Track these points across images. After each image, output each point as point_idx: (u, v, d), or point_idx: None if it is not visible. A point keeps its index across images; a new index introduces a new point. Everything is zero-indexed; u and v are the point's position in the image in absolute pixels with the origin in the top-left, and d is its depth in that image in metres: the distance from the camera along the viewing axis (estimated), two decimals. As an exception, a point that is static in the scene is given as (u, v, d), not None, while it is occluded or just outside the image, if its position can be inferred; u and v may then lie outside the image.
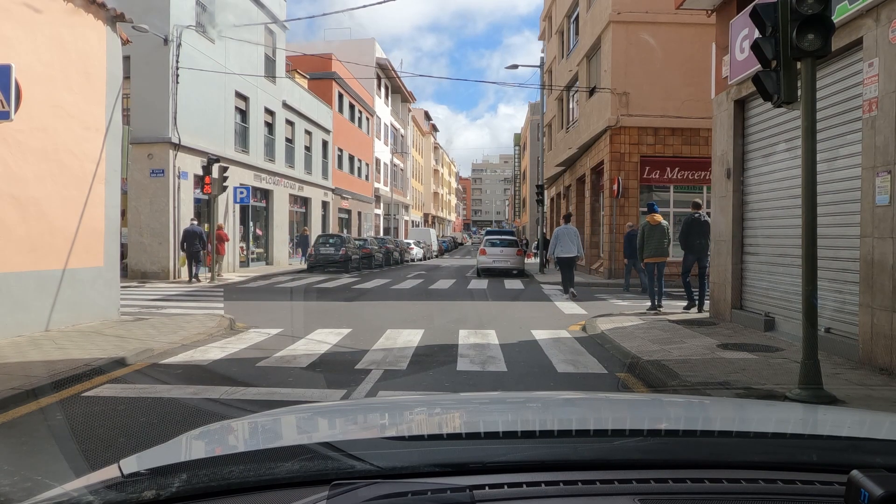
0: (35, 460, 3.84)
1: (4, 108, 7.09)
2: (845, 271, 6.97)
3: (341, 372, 6.52)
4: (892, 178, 5.98)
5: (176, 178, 18.25)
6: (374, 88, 43.16)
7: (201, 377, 6.24)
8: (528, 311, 12.10)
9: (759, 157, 9.20)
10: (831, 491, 0.99)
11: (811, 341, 5.05)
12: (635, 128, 19.28)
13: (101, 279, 9.46)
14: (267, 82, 24.77)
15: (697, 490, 1.01)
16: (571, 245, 14.38)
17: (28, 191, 8.03)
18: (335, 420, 1.69)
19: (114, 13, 9.62)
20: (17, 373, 5.81)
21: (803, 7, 4.87)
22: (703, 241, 10.67)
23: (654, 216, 11.34)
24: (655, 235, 11.14)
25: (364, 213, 41.47)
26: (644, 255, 11.37)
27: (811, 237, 5.11)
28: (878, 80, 6.16)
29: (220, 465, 1.12)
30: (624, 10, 18.90)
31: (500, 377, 6.34)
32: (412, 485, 0.97)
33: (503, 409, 1.79)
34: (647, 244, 11.20)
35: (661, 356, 6.96)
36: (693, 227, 10.75)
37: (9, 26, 7.75)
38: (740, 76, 9.07)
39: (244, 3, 22.79)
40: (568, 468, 1.07)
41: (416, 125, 65.14)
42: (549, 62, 31.43)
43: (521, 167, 73.18)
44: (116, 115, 9.84)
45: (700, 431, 1.43)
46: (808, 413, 1.86)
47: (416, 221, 63.63)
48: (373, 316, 11.02)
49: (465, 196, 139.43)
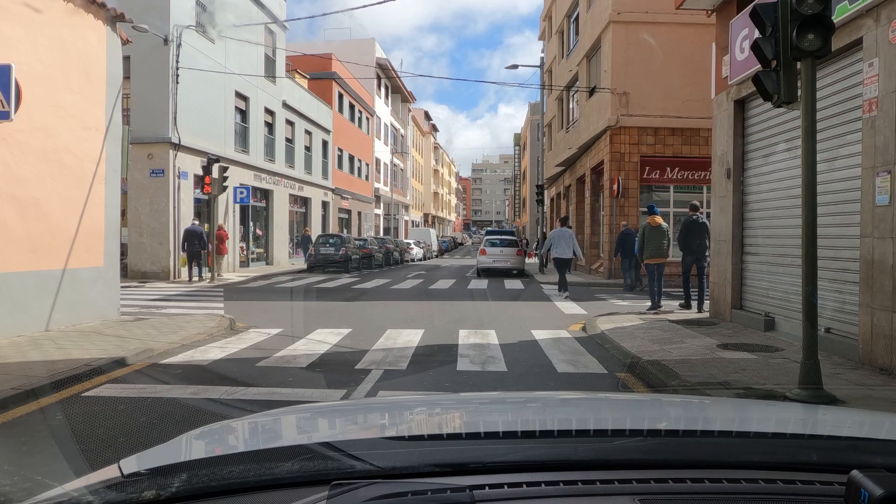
0: (35, 460, 3.84)
1: (4, 108, 7.09)
2: (845, 271, 6.97)
3: (341, 372, 6.52)
4: (892, 178, 5.98)
5: (176, 178, 18.25)
6: (374, 88, 43.16)
7: (201, 377, 6.24)
8: (528, 311, 12.10)
9: (759, 157, 9.20)
10: (831, 491, 0.99)
11: (811, 341, 5.05)
12: (635, 128, 19.28)
13: (101, 279, 9.46)
14: (267, 82, 24.77)
15: (697, 490, 1.01)
16: (566, 248, 14.62)
17: (28, 191, 8.03)
18: (335, 420, 1.69)
19: (114, 13, 9.62)
20: (17, 373, 5.81)
21: (803, 7, 4.87)
22: (701, 241, 10.80)
23: (655, 218, 11.51)
24: (655, 237, 11.31)
25: (364, 213, 41.48)
26: (644, 256, 11.54)
27: (811, 237, 5.12)
28: (878, 80, 6.16)
29: (220, 465, 1.12)
30: (624, 10, 18.90)
31: (500, 377, 6.34)
32: (412, 485, 0.97)
33: (503, 409, 1.79)
34: (648, 245, 11.35)
35: (661, 356, 6.96)
36: (691, 228, 10.90)
37: (9, 26, 7.75)
38: (740, 76, 9.07)
39: (244, 3, 22.79)
40: (568, 468, 1.07)
41: (416, 125, 65.15)
42: (549, 62, 31.44)
43: (521, 167, 73.19)
44: (116, 115, 9.84)
45: (700, 431, 1.43)
46: (808, 413, 1.86)
47: (416, 221, 63.63)
48: (373, 316, 11.02)
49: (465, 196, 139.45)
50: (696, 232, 10.82)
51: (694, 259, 10.95)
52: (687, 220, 11.11)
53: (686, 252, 10.98)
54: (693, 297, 11.24)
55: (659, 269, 11.34)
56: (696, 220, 10.91)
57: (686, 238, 10.90)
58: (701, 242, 10.79)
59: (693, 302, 11.17)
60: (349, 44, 41.60)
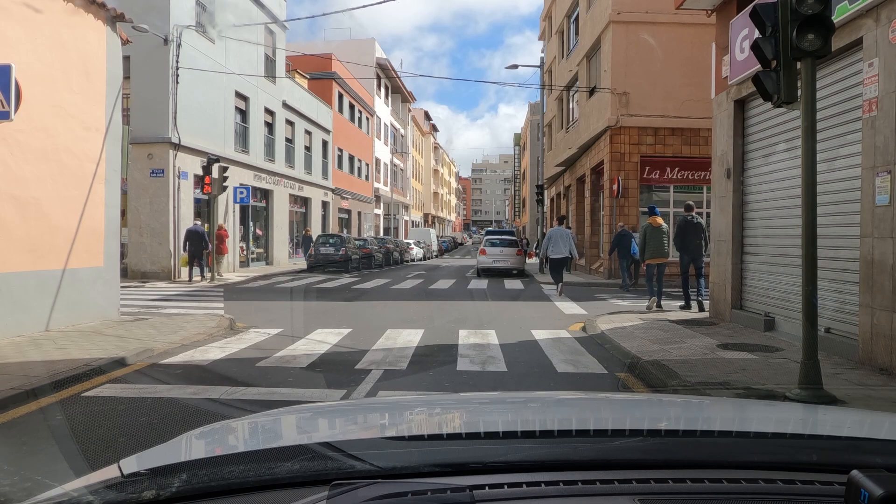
0: (35, 460, 3.84)
1: (4, 108, 7.09)
2: (845, 271, 6.97)
3: (341, 372, 6.52)
4: (892, 178, 5.98)
5: (176, 178, 18.25)
6: (374, 88, 43.16)
7: (201, 377, 6.24)
8: (527, 311, 12.10)
9: (759, 157, 9.20)
10: (831, 491, 0.99)
11: (811, 341, 5.05)
12: (635, 128, 19.28)
13: (101, 279, 9.46)
14: (267, 82, 24.76)
15: (697, 490, 1.01)
16: (563, 246, 14.99)
17: (28, 191, 8.03)
18: (335, 420, 1.69)
19: (114, 13, 9.62)
20: (17, 373, 5.81)
21: (803, 7, 4.87)
22: (697, 241, 10.93)
23: (656, 219, 11.64)
24: (656, 237, 11.46)
25: (364, 213, 41.48)
26: (645, 257, 11.68)
27: (811, 237, 5.11)
28: (878, 80, 6.16)
29: (220, 465, 1.12)
30: (624, 10, 18.90)
31: (500, 377, 6.34)
32: (412, 485, 0.97)
33: (503, 409, 1.79)
34: (649, 246, 11.48)
35: (661, 356, 6.96)
36: (687, 228, 11.02)
37: (9, 26, 7.75)
38: (740, 76, 9.07)
39: (244, 3, 22.79)
40: (568, 468, 1.07)
41: (416, 125, 65.15)
42: (549, 62, 31.43)
43: (521, 167, 73.18)
44: (116, 115, 9.84)
45: (700, 431, 1.43)
46: (808, 413, 1.86)
47: (416, 221, 63.63)
48: (373, 316, 11.02)
49: (465, 196, 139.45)
50: (692, 232, 10.96)
51: (691, 259, 11.08)
52: (682, 220, 11.23)
53: (683, 252, 11.11)
54: (693, 296, 11.30)
55: (659, 269, 11.51)
56: (692, 220, 11.02)
57: (683, 238, 11.03)
58: (697, 242, 10.92)
59: (693, 302, 11.21)
60: (349, 44, 41.60)
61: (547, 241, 15.35)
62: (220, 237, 18.79)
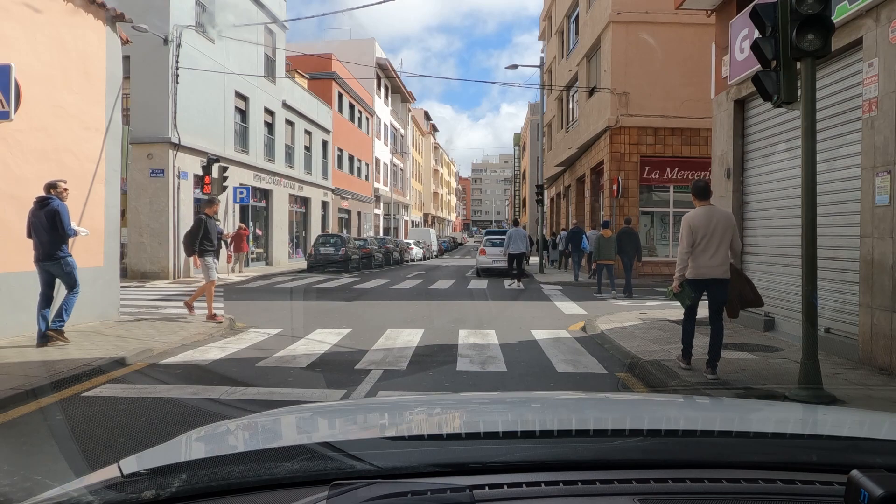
0: (35, 460, 3.84)
1: (4, 108, 7.09)
2: (845, 271, 6.97)
3: (341, 372, 6.52)
4: (891, 178, 5.98)
5: (176, 178, 18.25)
6: (374, 88, 43.15)
7: (201, 377, 6.23)
8: (527, 311, 12.10)
9: (759, 157, 9.20)
10: (831, 491, 0.99)
11: (811, 341, 5.05)
12: (635, 128, 19.28)
13: (101, 279, 9.45)
14: (267, 82, 24.76)
15: (697, 490, 1.01)
16: (521, 244, 17.78)
17: (28, 191, 8.01)
18: (335, 420, 1.68)
19: (114, 13, 9.61)
20: (17, 373, 5.81)
21: (803, 7, 4.87)
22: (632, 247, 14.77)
23: (607, 231, 15.42)
24: (606, 245, 15.20)
25: (364, 213, 41.47)
26: (596, 258, 15.56)
27: (811, 237, 5.12)
28: (877, 80, 6.16)
29: (219, 465, 1.12)
30: (624, 10, 18.90)
31: (499, 377, 6.34)
32: (412, 485, 0.97)
33: (503, 409, 1.79)
34: (602, 250, 15.21)
35: (661, 356, 6.96)
36: (623, 236, 14.86)
37: (9, 26, 7.74)
38: (740, 76, 9.07)
39: (244, 3, 22.78)
40: (568, 468, 1.07)
41: (416, 125, 65.15)
42: (549, 62, 31.42)
43: (521, 167, 73.18)
44: (116, 115, 9.84)
45: (700, 431, 1.42)
46: (808, 413, 1.86)
47: (415, 221, 63.62)
48: (372, 316, 11.02)
49: (465, 196, 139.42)
50: (627, 239, 14.82)
51: (629, 261, 14.81)
52: (623, 229, 15.07)
53: (621, 255, 14.87)
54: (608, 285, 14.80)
55: (608, 268, 15.38)
56: (630, 230, 15.12)
57: (620, 244, 14.83)
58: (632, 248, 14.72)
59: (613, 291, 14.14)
60: (349, 44, 41.59)
61: (508, 239, 17.87)
62: (240, 236, 20.48)
